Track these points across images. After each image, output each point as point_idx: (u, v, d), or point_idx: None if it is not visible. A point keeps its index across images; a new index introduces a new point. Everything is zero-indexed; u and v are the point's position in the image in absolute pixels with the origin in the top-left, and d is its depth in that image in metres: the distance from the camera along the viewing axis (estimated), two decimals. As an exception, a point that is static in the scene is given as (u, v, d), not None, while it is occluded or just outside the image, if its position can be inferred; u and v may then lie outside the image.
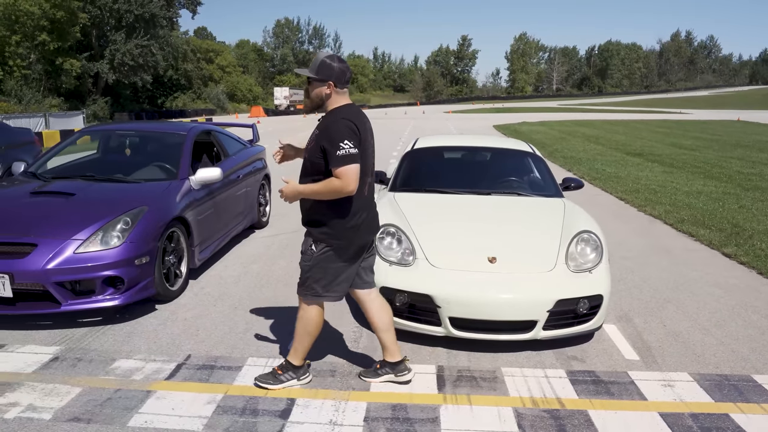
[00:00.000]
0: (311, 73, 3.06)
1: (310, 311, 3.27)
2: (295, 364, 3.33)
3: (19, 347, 3.77)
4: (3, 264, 3.87)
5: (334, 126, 3.02)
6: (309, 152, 3.11)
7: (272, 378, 3.30)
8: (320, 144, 3.02)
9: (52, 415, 2.96)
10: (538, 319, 3.71)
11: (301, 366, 3.35)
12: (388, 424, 2.97)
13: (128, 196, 4.56)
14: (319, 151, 3.03)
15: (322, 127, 3.07)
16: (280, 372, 3.31)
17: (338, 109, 3.09)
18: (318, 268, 3.16)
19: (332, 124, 3.04)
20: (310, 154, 3.10)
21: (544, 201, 4.89)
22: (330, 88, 3.06)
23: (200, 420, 2.95)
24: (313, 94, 3.12)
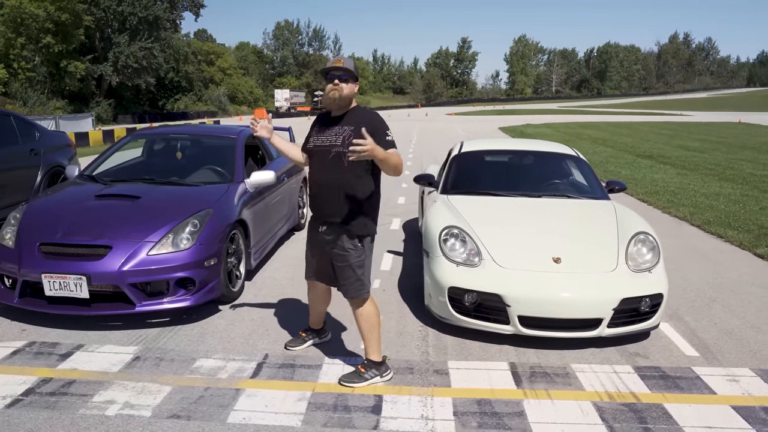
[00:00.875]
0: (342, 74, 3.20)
1: (369, 306, 3.41)
2: (375, 360, 3.44)
3: (98, 347, 3.86)
4: (80, 266, 3.96)
5: (375, 118, 3.25)
6: (347, 146, 3.11)
7: (356, 377, 3.41)
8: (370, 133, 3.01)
9: (151, 412, 3.05)
10: (604, 317, 3.83)
11: (382, 362, 3.46)
12: (477, 418, 3.07)
13: (192, 199, 4.66)
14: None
15: (359, 121, 3.18)
16: (364, 370, 3.42)
17: (360, 106, 3.33)
18: (368, 262, 3.37)
19: (371, 116, 3.25)
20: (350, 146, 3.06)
21: (594, 203, 5.01)
22: (355, 87, 3.28)
23: (296, 416, 3.05)
24: (348, 92, 3.23)
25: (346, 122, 3.26)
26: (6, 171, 6.75)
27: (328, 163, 3.26)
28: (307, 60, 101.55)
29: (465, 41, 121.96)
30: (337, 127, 3.28)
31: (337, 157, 3.23)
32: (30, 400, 3.16)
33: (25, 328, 4.14)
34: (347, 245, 3.29)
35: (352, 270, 3.31)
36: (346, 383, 3.38)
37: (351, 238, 3.29)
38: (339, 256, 3.32)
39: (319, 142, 3.32)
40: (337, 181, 3.24)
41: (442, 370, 3.62)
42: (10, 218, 4.49)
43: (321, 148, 3.30)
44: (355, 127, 3.14)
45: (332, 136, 3.26)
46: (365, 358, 3.48)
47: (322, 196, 3.31)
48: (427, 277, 4.32)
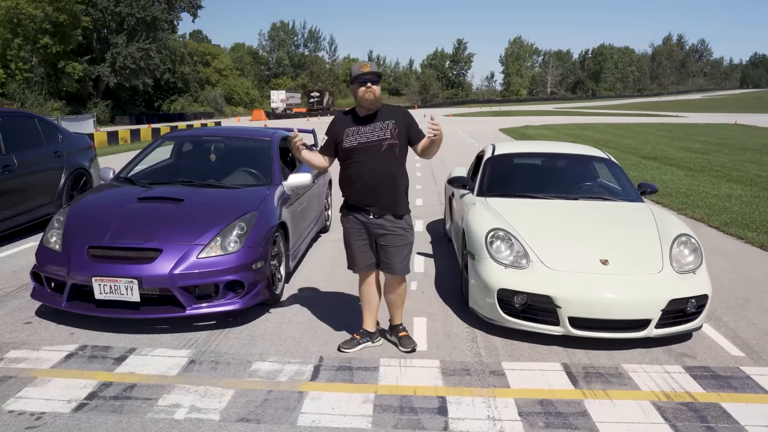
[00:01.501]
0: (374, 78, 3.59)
1: (405, 283, 3.92)
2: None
3: (150, 351, 3.86)
4: (131, 269, 3.96)
5: (407, 111, 3.79)
6: (399, 137, 3.63)
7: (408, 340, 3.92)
8: (406, 125, 3.69)
9: (219, 416, 3.06)
10: (652, 318, 3.88)
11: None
12: (543, 418, 3.10)
13: (236, 201, 4.67)
14: (407, 133, 3.69)
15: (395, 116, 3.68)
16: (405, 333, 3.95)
17: (385, 104, 3.74)
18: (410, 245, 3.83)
19: (403, 111, 3.78)
20: (401, 137, 3.65)
21: (631, 205, 5.06)
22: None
23: (364, 418, 3.07)
24: (379, 93, 3.63)
25: (384, 117, 3.66)
26: (33, 173, 6.74)
27: (380, 155, 3.61)
28: (303, 61, 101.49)
29: (461, 42, 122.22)
30: (378, 123, 3.64)
31: (389, 149, 3.62)
32: (95, 404, 3.17)
33: (74, 332, 4.14)
34: (405, 226, 3.74)
35: (407, 249, 3.77)
36: (407, 348, 3.89)
37: (400, 219, 3.72)
38: (397, 237, 3.72)
39: (365, 138, 3.62)
40: (390, 170, 3.65)
41: (497, 371, 3.65)
42: (54, 221, 4.48)
43: (370, 143, 3.62)
44: (396, 120, 3.65)
45: (378, 131, 3.62)
46: (398, 323, 4.03)
47: (377, 186, 3.63)
48: (472, 279, 4.35)
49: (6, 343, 3.95)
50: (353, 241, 3.79)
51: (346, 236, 3.83)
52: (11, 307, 4.62)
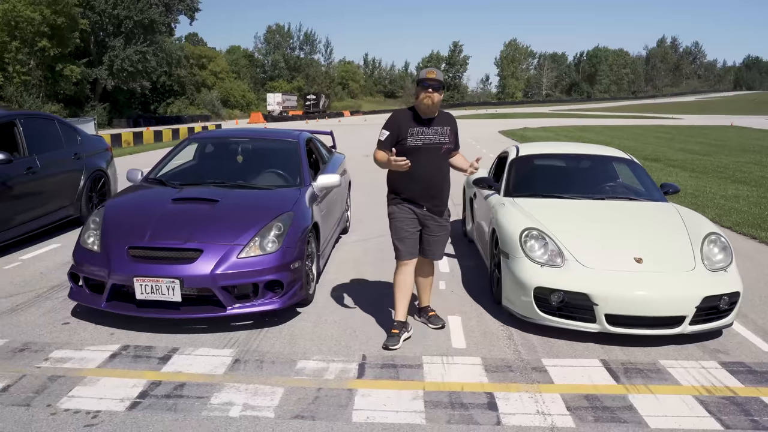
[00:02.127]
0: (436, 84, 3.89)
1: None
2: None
3: (193, 350, 3.89)
4: (172, 269, 4.00)
5: (455, 121, 4.15)
6: (454, 143, 4.09)
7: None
8: (455, 132, 4.11)
9: (274, 413, 3.10)
10: (687, 315, 3.95)
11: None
12: (591, 412, 3.16)
13: (271, 202, 4.71)
14: (455, 140, 4.10)
15: (448, 122, 4.06)
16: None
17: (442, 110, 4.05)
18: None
19: (454, 120, 4.14)
20: (455, 143, 4.11)
21: (657, 205, 5.13)
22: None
23: (417, 414, 3.11)
24: (439, 100, 3.90)
25: (442, 123, 4.03)
26: (54, 175, 6.76)
27: (439, 157, 4.01)
28: (299, 64, 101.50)
29: (456, 45, 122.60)
30: (438, 127, 4.00)
31: (446, 153, 4.05)
32: (148, 402, 3.20)
33: (113, 332, 4.17)
34: (445, 218, 4.16)
35: (447, 236, 4.22)
36: (437, 324, 4.29)
37: (445, 213, 4.15)
38: (442, 229, 4.14)
39: (428, 140, 3.97)
40: (445, 171, 4.09)
41: (539, 368, 3.70)
42: (90, 222, 4.51)
43: (432, 145, 3.98)
44: (451, 128, 4.07)
45: (440, 135, 3.99)
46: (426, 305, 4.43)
47: (435, 185, 4.03)
48: (506, 277, 4.40)
49: (48, 343, 3.97)
50: (406, 229, 4.04)
51: (399, 224, 4.05)
52: (46, 308, 4.64)
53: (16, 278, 5.39)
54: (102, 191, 7.76)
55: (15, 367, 3.59)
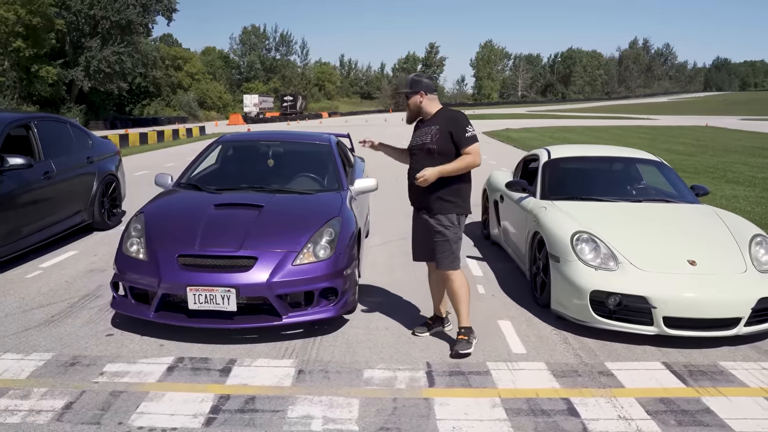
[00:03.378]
0: (407, 89, 3.98)
1: (462, 276, 3.99)
2: (469, 326, 3.99)
3: (251, 361, 3.79)
4: (228, 278, 3.88)
5: (456, 116, 3.93)
6: (437, 143, 3.85)
7: (467, 345, 3.91)
8: (448, 131, 3.83)
9: (358, 426, 3.02)
10: (742, 316, 3.99)
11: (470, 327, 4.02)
12: (672, 416, 3.16)
13: (317, 207, 4.62)
14: (449, 139, 3.84)
15: (440, 122, 3.88)
16: (466, 338, 3.94)
17: (443, 109, 3.98)
18: (460, 238, 3.98)
19: (453, 115, 3.94)
20: (440, 143, 3.84)
21: (695, 207, 5.18)
22: (422, 96, 3.94)
23: (503, 422, 3.07)
24: (410, 103, 3.97)
25: (433, 123, 3.95)
26: (70, 180, 6.55)
27: (422, 158, 3.91)
28: (275, 65, 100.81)
29: (433, 46, 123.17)
30: (427, 127, 3.96)
31: (428, 153, 3.89)
32: (223, 417, 3.10)
33: (162, 343, 4.04)
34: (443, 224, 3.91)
35: (450, 243, 3.92)
36: (463, 351, 3.88)
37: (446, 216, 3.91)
38: (436, 233, 3.91)
39: (415, 142, 4.00)
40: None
41: (605, 372, 3.70)
42: (131, 230, 4.36)
43: (417, 146, 3.98)
44: (441, 125, 3.88)
45: (424, 135, 3.94)
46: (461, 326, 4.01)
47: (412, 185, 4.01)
48: (557, 281, 4.40)
49: (98, 356, 3.83)
50: (412, 235, 4.19)
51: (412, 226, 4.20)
52: (84, 319, 4.48)
53: (43, 288, 5.20)
54: (113, 196, 7.55)
55: (72, 383, 3.45)
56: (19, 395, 3.30)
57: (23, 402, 3.22)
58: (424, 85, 3.95)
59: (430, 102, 3.98)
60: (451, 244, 3.89)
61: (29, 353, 3.86)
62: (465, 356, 3.84)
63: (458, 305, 3.96)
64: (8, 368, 3.63)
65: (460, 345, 3.89)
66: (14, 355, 3.84)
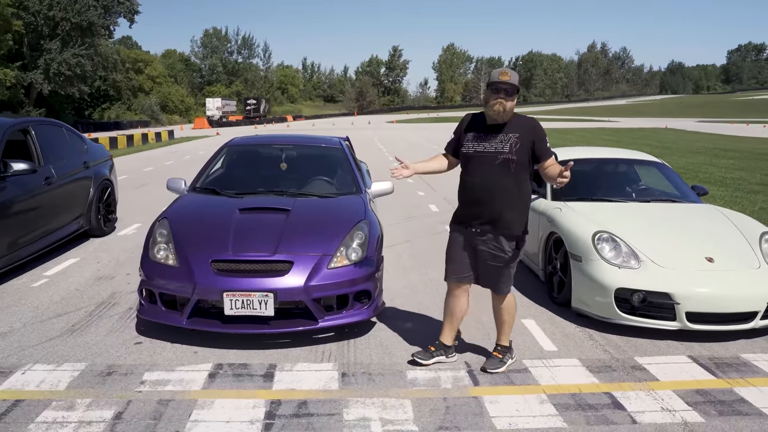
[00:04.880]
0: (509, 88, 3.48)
1: (512, 299, 3.77)
2: (507, 345, 3.84)
3: (291, 366, 3.78)
4: (266, 282, 3.87)
5: (538, 125, 3.59)
6: (518, 153, 3.49)
7: (498, 362, 3.74)
8: (531, 140, 3.50)
9: (417, 426, 3.06)
10: (759, 310, 4.19)
11: (509, 345, 3.86)
12: (712, 406, 3.30)
13: (343, 210, 4.64)
14: (530, 149, 3.51)
15: (521, 129, 3.52)
16: (501, 356, 3.77)
17: (519, 116, 3.60)
18: (516, 263, 3.68)
19: (534, 124, 3.58)
20: (521, 154, 3.49)
21: (700, 207, 5.40)
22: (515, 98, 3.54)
23: (555, 418, 3.16)
24: (512, 107, 3.52)
25: (510, 129, 3.53)
26: (69, 185, 6.38)
27: (494, 168, 3.51)
28: (237, 68, 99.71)
29: (396, 50, 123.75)
30: (502, 134, 3.53)
31: (504, 164, 3.50)
32: (281, 423, 3.09)
33: (196, 351, 3.99)
34: (503, 249, 3.56)
35: (509, 269, 3.63)
36: (492, 370, 3.69)
37: (509, 240, 3.56)
38: (496, 257, 3.58)
39: (482, 148, 3.55)
40: (500, 185, 3.51)
41: (637, 366, 3.83)
42: (156, 235, 4.29)
43: (486, 154, 3.54)
44: (521, 135, 3.49)
45: (498, 143, 3.52)
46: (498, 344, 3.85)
47: (480, 199, 3.56)
48: (578, 280, 4.52)
49: (134, 365, 3.76)
50: (452, 251, 3.72)
51: (448, 244, 3.76)
52: (107, 328, 4.39)
53: (54, 296, 5.06)
54: (108, 201, 7.38)
55: (115, 393, 3.39)
56: (64, 407, 3.22)
57: (70, 413, 3.15)
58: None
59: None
60: (510, 269, 3.64)
61: (61, 364, 3.76)
62: (494, 373, 3.66)
63: (504, 325, 3.77)
64: (44, 379, 3.54)
65: (492, 363, 3.72)
66: (45, 365, 3.74)
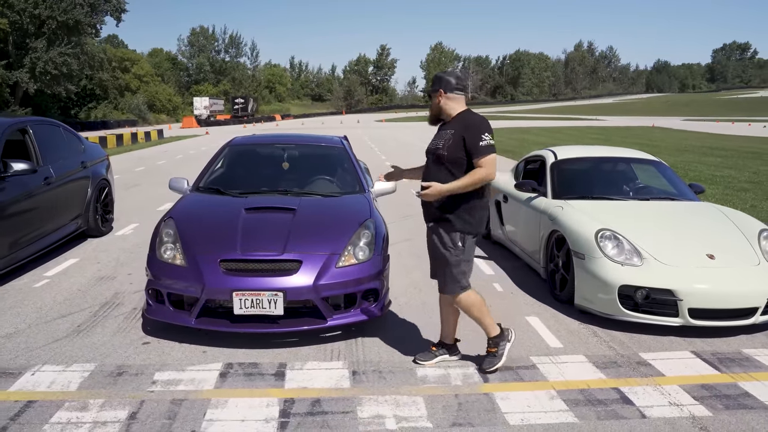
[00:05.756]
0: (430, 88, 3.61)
1: (471, 296, 3.62)
2: (496, 333, 3.72)
3: (302, 364, 3.79)
4: (275, 281, 3.88)
5: (474, 121, 3.50)
6: (449, 149, 3.48)
7: (492, 358, 3.69)
8: (462, 136, 3.44)
9: (430, 423, 3.09)
10: (759, 306, 4.27)
11: (501, 332, 3.74)
12: (717, 401, 3.37)
13: (349, 209, 4.67)
14: (462, 145, 3.45)
15: (457, 126, 3.50)
16: (495, 349, 3.70)
17: (464, 112, 3.57)
18: (467, 261, 3.56)
19: (471, 120, 3.51)
20: (451, 150, 3.47)
21: (698, 205, 5.48)
22: (441, 95, 3.55)
23: (565, 413, 3.21)
24: (432, 104, 3.61)
25: (450, 126, 3.58)
26: (67, 185, 6.35)
27: (434, 164, 3.59)
28: (224, 67, 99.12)
29: (384, 48, 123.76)
30: (444, 131, 3.61)
31: (437, 159, 3.56)
32: (296, 421, 3.11)
33: (205, 350, 3.99)
34: (446, 242, 3.53)
35: (451, 266, 3.53)
36: (488, 368, 3.65)
37: (451, 234, 3.51)
38: (437, 251, 3.58)
39: (431, 146, 3.65)
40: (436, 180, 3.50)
41: (642, 362, 3.90)
42: (162, 235, 4.29)
43: (430, 150, 3.65)
44: (456, 130, 3.50)
45: (439, 139, 3.59)
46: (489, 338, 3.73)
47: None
48: (582, 277, 4.58)
49: (143, 365, 3.76)
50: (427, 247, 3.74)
51: None
52: (113, 328, 4.38)
53: (57, 297, 5.03)
54: (105, 201, 7.34)
55: (127, 393, 3.39)
56: (77, 407, 3.22)
57: (83, 414, 3.15)
58: (443, 82, 3.54)
59: (451, 102, 3.55)
60: (451, 267, 3.51)
61: (70, 364, 3.75)
62: (492, 372, 3.64)
63: (477, 322, 3.69)
64: (54, 380, 3.53)
65: (486, 362, 3.68)
66: (54, 366, 3.72)
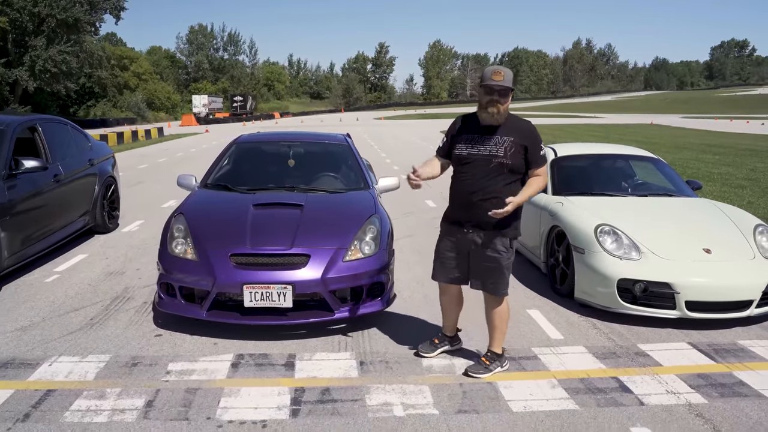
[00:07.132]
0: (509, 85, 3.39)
1: (505, 304, 3.62)
2: (499, 353, 3.69)
3: (311, 355, 3.91)
4: (284, 275, 3.99)
5: (532, 129, 3.49)
6: (512, 158, 3.40)
7: (483, 368, 3.62)
8: (523, 145, 3.41)
9: (437, 410, 3.21)
10: (755, 299, 4.40)
11: (502, 354, 3.71)
12: (713, 389, 3.49)
13: (355, 205, 4.78)
14: (523, 154, 3.43)
15: (514, 134, 3.41)
16: (488, 362, 3.64)
17: (513, 117, 3.50)
18: (511, 263, 3.59)
19: (527, 129, 3.48)
20: (514, 160, 3.41)
21: (695, 201, 5.61)
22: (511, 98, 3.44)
23: (566, 401, 3.33)
24: (506, 109, 3.42)
25: (504, 132, 3.43)
26: (76, 182, 6.46)
27: (487, 171, 3.43)
28: (223, 65, 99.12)
29: (382, 46, 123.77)
30: (497, 137, 3.43)
31: (498, 167, 3.42)
32: (307, 408, 3.23)
33: (216, 342, 4.11)
34: (497, 247, 3.49)
35: (502, 269, 3.53)
36: (473, 374, 3.59)
37: (502, 239, 3.50)
38: (489, 258, 3.51)
39: (476, 151, 3.46)
40: (491, 189, 3.42)
41: (640, 352, 4.02)
42: (173, 230, 4.40)
43: (480, 157, 3.45)
44: (515, 139, 3.41)
45: (492, 146, 3.42)
46: (489, 349, 3.70)
47: (471, 202, 3.47)
48: (581, 271, 4.70)
49: (157, 356, 3.87)
50: (442, 252, 3.69)
51: (438, 244, 3.73)
52: (125, 321, 4.49)
53: (69, 291, 5.14)
54: (111, 198, 7.45)
55: (143, 382, 3.50)
56: (95, 396, 3.33)
57: (102, 402, 3.26)
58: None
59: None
60: (504, 270, 3.53)
61: (85, 356, 3.87)
62: (475, 378, 3.58)
63: (496, 332, 3.65)
64: (71, 371, 3.64)
65: (476, 367, 3.62)
66: (70, 357, 3.84)
